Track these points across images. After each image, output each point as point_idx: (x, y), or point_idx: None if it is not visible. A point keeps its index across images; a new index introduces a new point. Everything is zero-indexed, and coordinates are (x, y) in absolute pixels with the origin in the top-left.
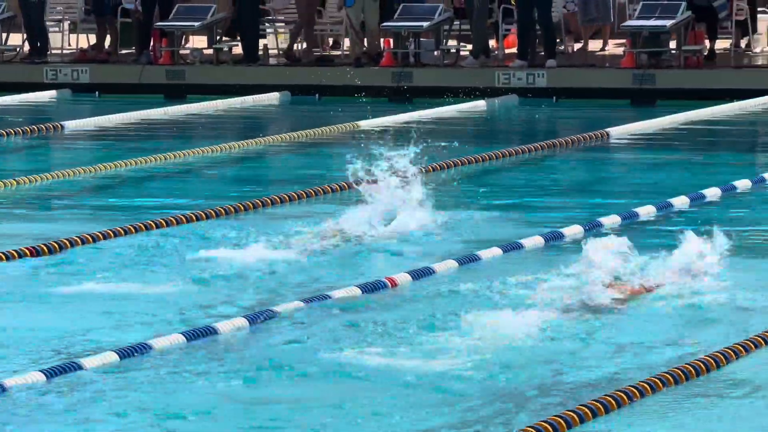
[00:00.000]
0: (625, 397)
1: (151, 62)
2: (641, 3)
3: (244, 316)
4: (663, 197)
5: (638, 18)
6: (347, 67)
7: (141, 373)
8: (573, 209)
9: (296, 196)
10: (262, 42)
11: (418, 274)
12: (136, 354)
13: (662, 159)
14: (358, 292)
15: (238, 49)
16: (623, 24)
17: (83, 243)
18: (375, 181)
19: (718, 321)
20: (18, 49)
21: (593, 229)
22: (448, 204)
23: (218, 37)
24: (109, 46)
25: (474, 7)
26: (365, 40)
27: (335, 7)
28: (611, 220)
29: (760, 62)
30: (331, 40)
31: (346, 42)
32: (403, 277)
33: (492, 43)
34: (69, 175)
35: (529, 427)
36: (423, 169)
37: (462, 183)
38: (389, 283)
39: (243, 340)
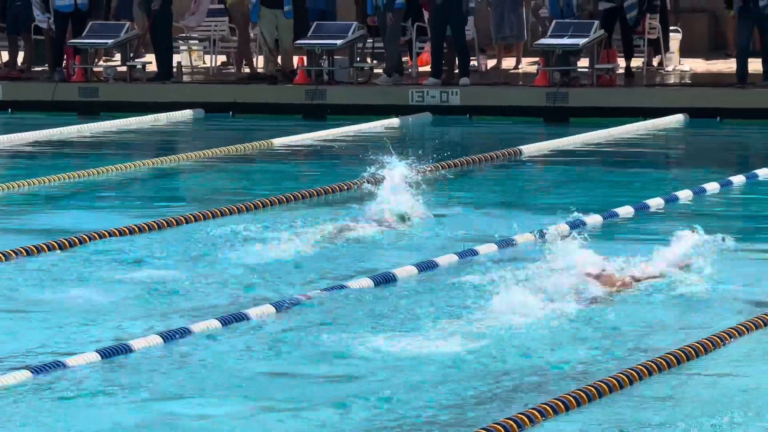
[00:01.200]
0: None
1: (64, 79)
2: (554, 22)
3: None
4: (575, 215)
5: (551, 36)
6: (261, 85)
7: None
8: (484, 227)
9: (211, 214)
10: (175, 59)
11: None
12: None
13: (574, 176)
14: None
15: (152, 67)
16: (536, 42)
17: None
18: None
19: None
20: None
21: (506, 247)
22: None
23: (132, 55)
24: (22, 63)
25: (387, 25)
26: (279, 57)
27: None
28: (524, 238)
29: (672, 81)
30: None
31: (260, 59)
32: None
33: (406, 60)
34: None
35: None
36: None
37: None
38: (304, 298)
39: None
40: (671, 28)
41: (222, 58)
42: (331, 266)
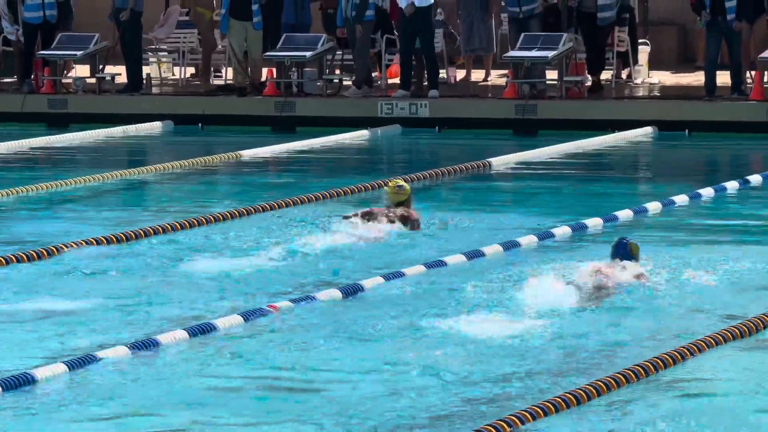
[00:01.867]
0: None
1: (33, 91)
2: (523, 34)
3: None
4: (544, 227)
5: (520, 49)
6: (231, 97)
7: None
8: (452, 239)
9: (179, 226)
10: (145, 71)
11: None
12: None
13: (543, 189)
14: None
15: (121, 78)
16: (505, 55)
17: None
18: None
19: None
20: None
21: (474, 258)
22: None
23: (101, 66)
24: None
25: (357, 38)
26: (248, 69)
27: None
28: (493, 249)
29: (640, 93)
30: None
31: (229, 72)
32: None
33: (375, 73)
34: None
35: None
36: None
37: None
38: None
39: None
40: (640, 40)
41: (191, 70)
42: (301, 277)
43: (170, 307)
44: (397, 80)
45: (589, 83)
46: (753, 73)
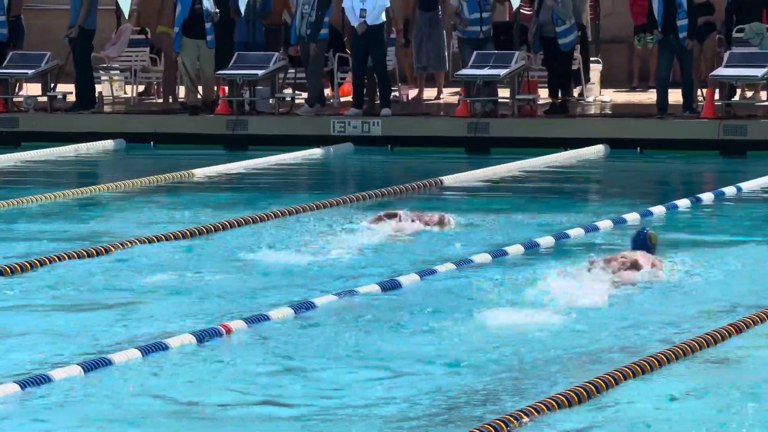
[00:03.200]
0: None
1: None
2: (475, 53)
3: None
4: (496, 246)
5: (472, 67)
6: (183, 115)
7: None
8: (403, 257)
9: (129, 243)
10: (96, 89)
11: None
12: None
13: (496, 207)
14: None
15: (73, 97)
16: (457, 73)
17: None
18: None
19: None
20: None
21: (427, 276)
22: (282, 251)
23: (52, 85)
24: None
25: (310, 56)
26: (200, 87)
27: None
28: (445, 267)
29: (592, 111)
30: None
31: (182, 90)
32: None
33: (327, 91)
34: None
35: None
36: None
37: (298, 230)
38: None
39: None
40: (592, 59)
41: (143, 88)
42: (254, 297)
43: (122, 325)
44: (349, 98)
45: (540, 102)
46: (704, 91)
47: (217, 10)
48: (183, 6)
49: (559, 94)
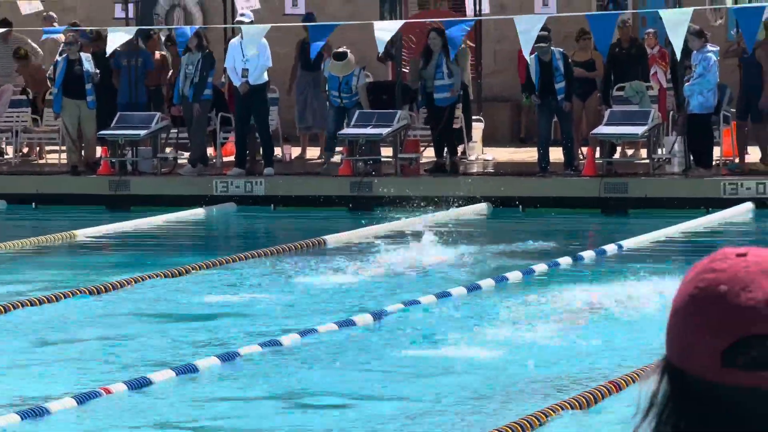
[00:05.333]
0: None
1: None
2: (357, 112)
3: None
4: (377, 305)
5: (355, 126)
6: (64, 175)
7: None
8: (287, 317)
9: (12, 306)
10: None
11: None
12: None
13: (379, 265)
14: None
15: None
16: (340, 132)
17: None
18: None
19: None
20: None
21: (308, 334)
22: (168, 312)
23: None
24: None
25: (192, 116)
26: (82, 148)
27: (52, 115)
28: (327, 327)
29: (475, 170)
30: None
31: (63, 149)
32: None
33: (210, 150)
34: None
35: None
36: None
37: (180, 292)
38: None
39: None
40: (474, 117)
41: (26, 149)
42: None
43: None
44: (232, 158)
45: (423, 160)
46: (585, 149)
47: (98, 71)
48: (61, 67)
49: (445, 153)
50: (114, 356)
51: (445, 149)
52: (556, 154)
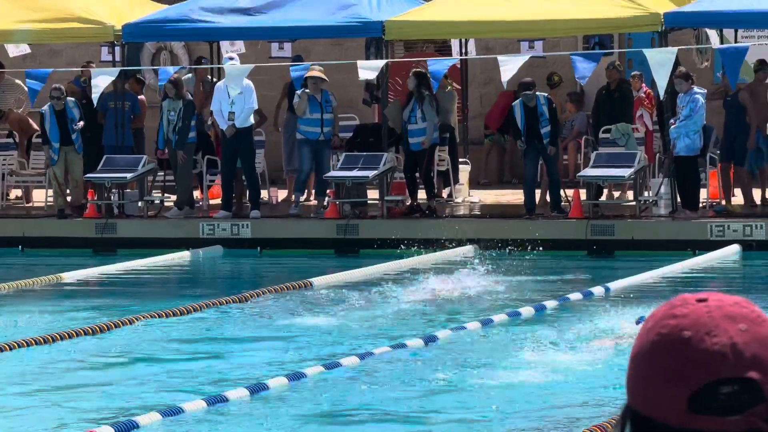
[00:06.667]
0: None
1: None
2: (344, 154)
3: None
4: (362, 348)
5: (341, 169)
6: (51, 219)
7: None
8: (274, 360)
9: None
10: None
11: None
12: None
13: (362, 308)
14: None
15: None
16: (326, 175)
17: None
18: None
19: None
20: None
21: (296, 380)
22: (155, 355)
23: None
24: None
25: (178, 160)
26: (68, 191)
27: (39, 157)
28: (313, 370)
29: (462, 212)
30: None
31: (49, 192)
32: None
33: (196, 193)
34: None
35: None
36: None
37: (166, 334)
38: None
39: None
40: (460, 159)
41: (17, 192)
42: (121, 401)
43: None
44: (218, 201)
45: (408, 203)
46: (571, 191)
47: (81, 122)
48: (50, 121)
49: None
50: (100, 399)
51: (433, 190)
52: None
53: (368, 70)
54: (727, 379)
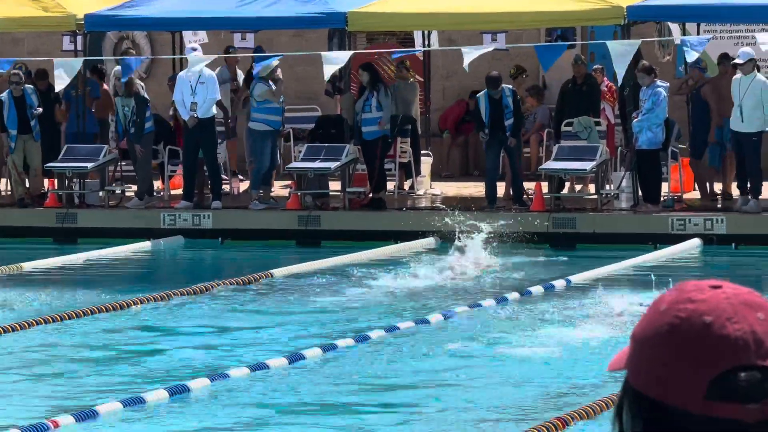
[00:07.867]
0: None
1: None
2: (306, 145)
3: None
4: (327, 339)
5: (303, 160)
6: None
7: None
8: (237, 348)
9: None
10: None
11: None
12: None
13: (324, 300)
14: None
15: None
16: (288, 166)
17: None
18: None
19: None
20: None
21: (259, 370)
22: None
23: None
24: None
25: (139, 148)
26: (27, 180)
27: None
28: (278, 363)
29: (423, 204)
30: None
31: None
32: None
33: (157, 184)
34: None
35: None
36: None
37: (126, 324)
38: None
39: None
40: (422, 151)
41: None
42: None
43: None
44: (180, 191)
45: (370, 195)
46: (533, 184)
47: (39, 108)
48: (9, 107)
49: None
50: (61, 388)
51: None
52: (504, 188)
53: (333, 65)
54: (747, 366)
